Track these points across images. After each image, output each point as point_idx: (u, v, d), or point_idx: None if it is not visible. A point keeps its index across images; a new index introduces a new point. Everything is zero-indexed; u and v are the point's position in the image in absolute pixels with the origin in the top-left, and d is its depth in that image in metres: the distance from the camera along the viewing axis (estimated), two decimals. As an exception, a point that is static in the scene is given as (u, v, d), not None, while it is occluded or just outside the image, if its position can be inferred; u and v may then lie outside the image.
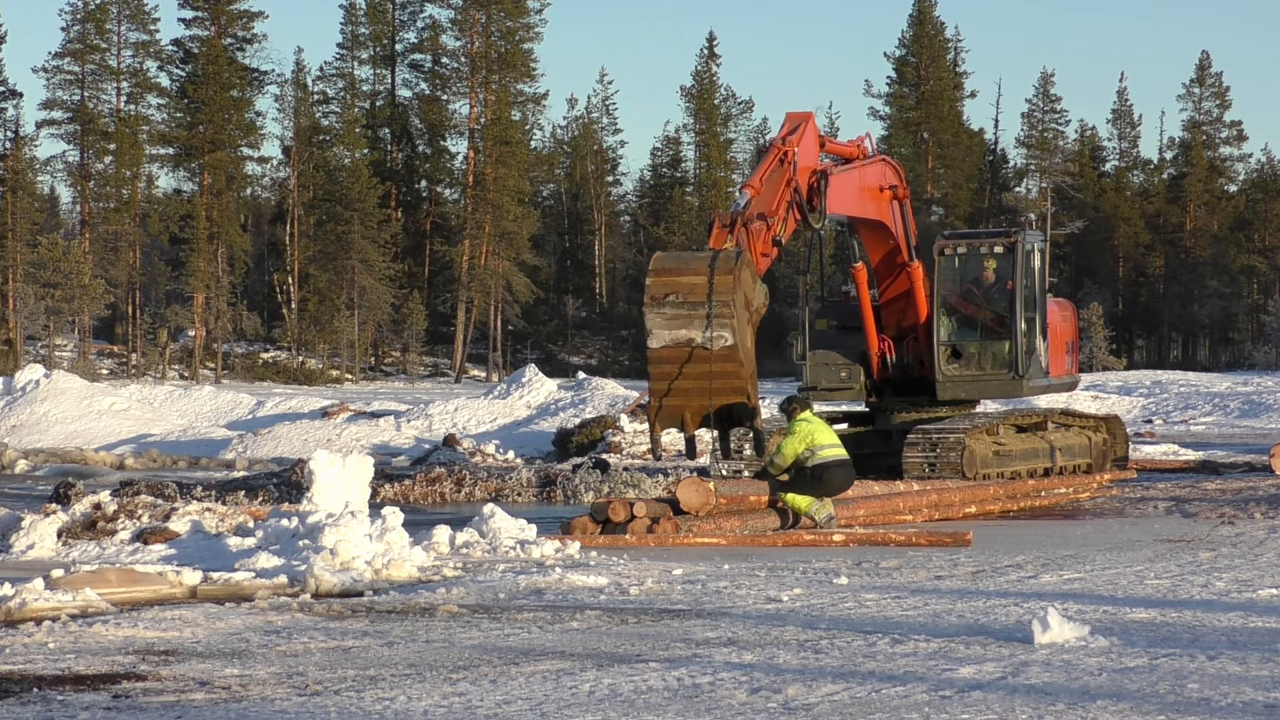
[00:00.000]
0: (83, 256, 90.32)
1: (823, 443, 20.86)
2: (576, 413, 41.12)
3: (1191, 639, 12.40)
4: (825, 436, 20.99)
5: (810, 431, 20.83)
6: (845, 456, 20.96)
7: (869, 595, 15.00)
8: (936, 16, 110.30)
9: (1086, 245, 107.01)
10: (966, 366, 27.68)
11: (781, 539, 19.86)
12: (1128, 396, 55.48)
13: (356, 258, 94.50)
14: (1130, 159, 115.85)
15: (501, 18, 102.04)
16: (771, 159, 23.57)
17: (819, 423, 21.28)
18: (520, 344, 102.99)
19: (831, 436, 21.21)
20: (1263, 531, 20.73)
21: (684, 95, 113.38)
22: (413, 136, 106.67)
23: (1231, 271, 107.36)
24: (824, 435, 20.98)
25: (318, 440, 37.62)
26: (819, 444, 20.79)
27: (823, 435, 20.95)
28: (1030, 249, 27.81)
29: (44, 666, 11.37)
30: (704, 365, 20.87)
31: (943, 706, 9.97)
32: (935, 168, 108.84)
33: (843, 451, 21.03)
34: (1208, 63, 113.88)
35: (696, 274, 21.01)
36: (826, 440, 20.95)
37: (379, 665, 11.48)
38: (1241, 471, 30.26)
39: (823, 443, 20.86)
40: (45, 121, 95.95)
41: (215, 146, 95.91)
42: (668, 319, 20.92)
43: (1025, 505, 24.65)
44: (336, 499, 18.56)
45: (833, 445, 20.97)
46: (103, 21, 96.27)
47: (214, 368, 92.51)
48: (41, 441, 40.70)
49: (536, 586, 15.53)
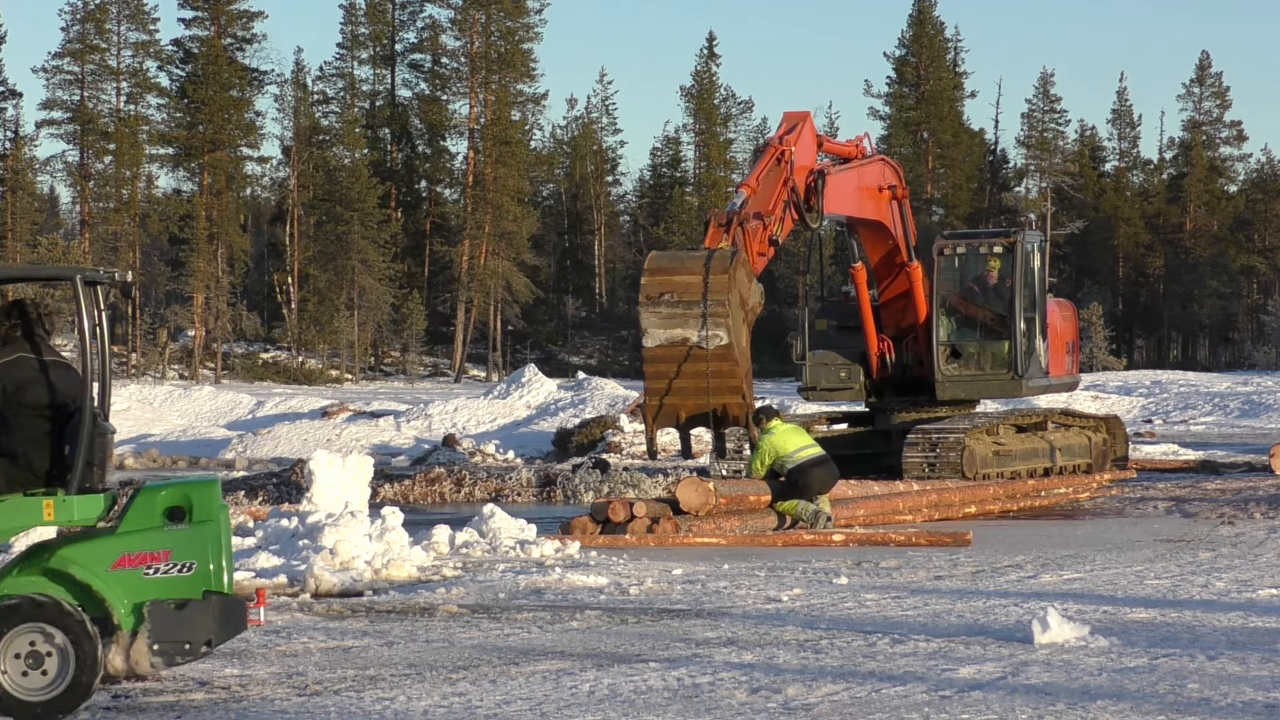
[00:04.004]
0: (83, 256, 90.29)
1: (792, 448, 20.77)
2: (576, 413, 41.12)
3: (1191, 639, 12.40)
4: (795, 441, 20.88)
5: (773, 444, 20.72)
6: (821, 454, 20.86)
7: (869, 595, 15.00)
8: (936, 16, 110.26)
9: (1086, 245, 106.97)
10: (966, 366, 27.68)
11: (781, 539, 19.85)
12: (1128, 396, 55.47)
13: (356, 258, 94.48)
14: (1130, 159, 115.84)
15: (501, 18, 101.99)
16: (768, 158, 23.56)
17: (785, 429, 21.08)
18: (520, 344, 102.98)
19: (802, 439, 21.11)
20: (1263, 531, 20.72)
21: (684, 95, 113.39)
22: (413, 136, 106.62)
23: (1231, 271, 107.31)
24: (793, 441, 20.87)
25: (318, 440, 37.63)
26: (787, 451, 20.71)
27: (791, 441, 20.83)
28: (1030, 249, 27.81)
29: (44, 666, 11.35)
30: (699, 364, 20.85)
31: (943, 706, 9.97)
32: (935, 168, 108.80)
33: (818, 450, 20.94)
34: (1208, 63, 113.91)
35: (691, 273, 20.99)
36: (796, 444, 20.86)
37: (379, 665, 11.48)
38: (1241, 471, 30.25)
39: (792, 448, 20.77)
40: (45, 121, 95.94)
41: (215, 146, 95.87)
42: (663, 318, 20.91)
43: (1025, 505, 24.64)
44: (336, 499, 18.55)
45: (806, 447, 20.88)
46: (102, 21, 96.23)
47: (214, 368, 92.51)
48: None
49: (536, 586, 15.54)
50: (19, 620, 9.46)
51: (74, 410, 9.84)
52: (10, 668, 9.47)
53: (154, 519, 9.85)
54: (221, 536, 9.97)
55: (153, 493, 9.94)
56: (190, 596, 9.80)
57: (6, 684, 9.46)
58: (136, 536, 9.79)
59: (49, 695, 9.45)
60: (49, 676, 9.49)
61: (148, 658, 9.78)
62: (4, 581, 9.71)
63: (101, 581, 9.70)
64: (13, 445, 9.77)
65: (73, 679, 9.47)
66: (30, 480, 9.78)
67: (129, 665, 9.84)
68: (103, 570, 9.71)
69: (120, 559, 9.74)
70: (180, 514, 9.89)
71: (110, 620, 9.72)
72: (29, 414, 9.78)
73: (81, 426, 9.74)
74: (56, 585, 9.68)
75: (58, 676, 9.49)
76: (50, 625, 9.46)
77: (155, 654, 9.78)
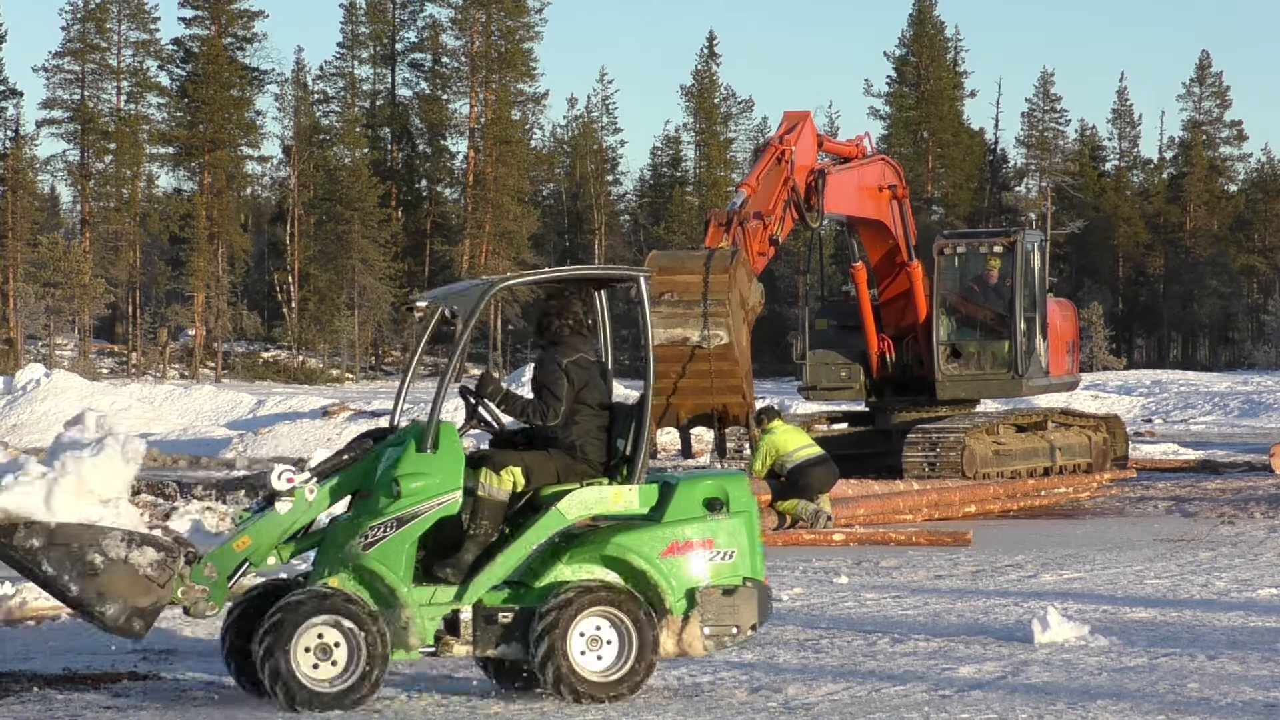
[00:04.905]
0: (83, 256, 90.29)
1: (792, 447, 20.77)
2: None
3: (1191, 638, 12.40)
4: (794, 441, 20.88)
5: (773, 444, 20.72)
6: (821, 454, 20.85)
7: (869, 595, 15.00)
8: (936, 16, 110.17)
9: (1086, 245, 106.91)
10: (966, 366, 27.69)
11: (781, 538, 19.85)
12: (1128, 396, 55.49)
13: (356, 257, 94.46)
14: (1130, 159, 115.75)
15: (501, 17, 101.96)
16: (768, 158, 23.57)
17: (785, 430, 21.08)
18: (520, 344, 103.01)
19: (801, 439, 21.11)
20: (1263, 531, 20.73)
21: (684, 95, 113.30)
22: (413, 136, 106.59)
23: (1231, 271, 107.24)
24: (792, 441, 20.87)
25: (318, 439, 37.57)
26: (787, 450, 20.70)
27: (790, 441, 20.83)
28: (1030, 248, 27.82)
29: (44, 666, 11.37)
30: (700, 364, 20.85)
31: (943, 706, 9.97)
32: (935, 167, 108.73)
33: (817, 450, 20.92)
34: (1208, 63, 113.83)
35: (692, 273, 21.01)
36: (795, 444, 20.85)
37: (379, 665, 11.46)
38: (1241, 471, 30.27)
39: (792, 447, 20.77)
40: (45, 121, 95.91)
41: (215, 146, 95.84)
42: (663, 318, 20.91)
43: (1025, 505, 24.64)
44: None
45: (805, 447, 20.86)
46: (103, 21, 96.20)
47: (214, 367, 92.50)
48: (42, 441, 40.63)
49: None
50: (590, 604, 9.98)
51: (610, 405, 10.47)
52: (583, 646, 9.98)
53: (695, 509, 10.33)
54: (755, 526, 10.46)
55: (691, 485, 10.43)
56: (733, 583, 10.30)
57: (577, 662, 9.94)
58: (682, 526, 10.27)
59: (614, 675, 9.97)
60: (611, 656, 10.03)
61: (700, 641, 10.25)
62: (553, 569, 10.14)
63: (655, 568, 10.19)
64: (572, 439, 10.35)
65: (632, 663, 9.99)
66: (586, 472, 10.35)
67: (680, 648, 10.28)
68: (655, 557, 10.21)
69: (670, 547, 10.24)
70: (718, 505, 10.37)
71: (663, 605, 10.19)
72: (588, 410, 10.38)
73: (643, 420, 10.33)
74: (611, 572, 10.19)
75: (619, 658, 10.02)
76: (616, 610, 10.00)
77: (707, 638, 10.25)
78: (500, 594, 10.11)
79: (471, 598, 10.03)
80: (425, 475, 9.98)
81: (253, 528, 10.11)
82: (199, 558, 10.09)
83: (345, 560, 9.98)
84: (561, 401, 10.30)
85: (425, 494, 9.95)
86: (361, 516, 10.03)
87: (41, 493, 9.52)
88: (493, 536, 10.15)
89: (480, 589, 10.05)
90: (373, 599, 9.89)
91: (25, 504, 9.48)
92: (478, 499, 10.14)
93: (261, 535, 10.08)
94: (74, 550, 9.51)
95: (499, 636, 10.05)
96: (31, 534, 9.42)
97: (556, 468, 10.32)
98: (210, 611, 10.03)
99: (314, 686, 9.69)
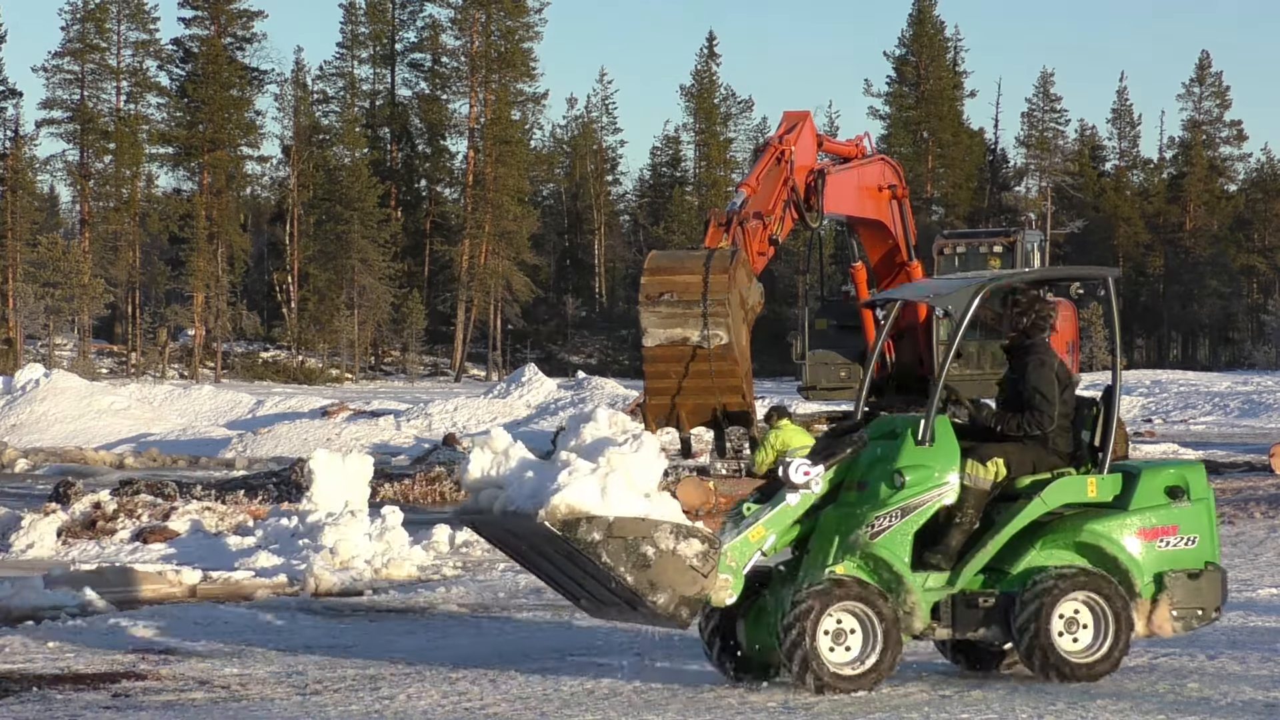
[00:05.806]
0: (83, 256, 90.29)
1: (796, 445, 20.80)
2: (576, 412, 41.06)
3: (1191, 639, 12.39)
4: (799, 441, 20.91)
5: (783, 439, 20.75)
6: None
7: (869, 595, 14.97)
8: (936, 16, 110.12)
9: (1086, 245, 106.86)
10: (966, 366, 27.68)
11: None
12: (1128, 396, 55.47)
13: (356, 257, 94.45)
14: (1130, 159, 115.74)
15: (501, 17, 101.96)
16: (768, 158, 23.54)
17: (792, 429, 21.12)
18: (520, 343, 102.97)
19: (806, 440, 21.12)
20: (1263, 531, 20.72)
21: (684, 95, 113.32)
22: (412, 136, 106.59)
23: (1231, 271, 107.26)
24: (797, 441, 20.90)
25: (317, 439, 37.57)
26: (791, 449, 20.70)
27: (796, 440, 20.86)
28: (1030, 248, 27.83)
29: (44, 666, 11.37)
30: (699, 364, 20.85)
31: (943, 706, 9.97)
32: (935, 167, 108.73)
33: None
34: (1208, 63, 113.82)
35: (691, 273, 20.98)
36: (798, 444, 20.88)
37: (379, 665, 11.48)
38: (1241, 471, 30.24)
39: (796, 445, 20.80)
40: (45, 121, 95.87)
41: (215, 146, 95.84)
42: (663, 318, 20.90)
43: (1025, 505, 24.60)
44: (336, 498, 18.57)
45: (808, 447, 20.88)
46: (102, 21, 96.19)
47: (214, 367, 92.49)
48: (41, 441, 40.70)
49: (536, 585, 15.53)
50: (1071, 589, 10.49)
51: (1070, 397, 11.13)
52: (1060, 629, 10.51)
53: (1158, 497, 10.91)
54: (1213, 514, 10.98)
55: (1154, 473, 11.04)
56: (1197, 568, 10.86)
57: (1058, 644, 10.47)
58: (1148, 513, 10.83)
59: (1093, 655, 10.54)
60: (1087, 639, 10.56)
61: (1170, 623, 10.77)
62: (1028, 555, 10.65)
63: (1125, 554, 10.74)
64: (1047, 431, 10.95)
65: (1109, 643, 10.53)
66: (1057, 463, 10.95)
67: (1150, 629, 10.79)
68: (1125, 544, 10.77)
69: (1139, 533, 10.80)
70: (1179, 493, 10.95)
71: (1133, 589, 10.72)
72: (1063, 405, 11.07)
73: (1111, 412, 11.17)
74: (1082, 557, 10.72)
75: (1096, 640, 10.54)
76: (1094, 594, 10.54)
77: (1175, 620, 10.78)
78: (979, 579, 10.63)
79: (963, 583, 10.57)
80: (925, 467, 10.63)
81: (767, 519, 10.75)
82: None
83: (852, 549, 10.53)
84: (1054, 405, 11.00)
85: (926, 485, 10.58)
86: (864, 506, 10.63)
87: (597, 488, 10.07)
88: (976, 524, 10.66)
89: (969, 575, 10.59)
90: (880, 586, 10.44)
91: (585, 499, 10.03)
92: (964, 488, 10.67)
93: (775, 526, 10.75)
94: (629, 542, 10.08)
95: (979, 620, 10.58)
96: (593, 528, 9.98)
97: (1032, 459, 10.89)
98: (729, 600, 10.48)
99: (837, 670, 10.24)
